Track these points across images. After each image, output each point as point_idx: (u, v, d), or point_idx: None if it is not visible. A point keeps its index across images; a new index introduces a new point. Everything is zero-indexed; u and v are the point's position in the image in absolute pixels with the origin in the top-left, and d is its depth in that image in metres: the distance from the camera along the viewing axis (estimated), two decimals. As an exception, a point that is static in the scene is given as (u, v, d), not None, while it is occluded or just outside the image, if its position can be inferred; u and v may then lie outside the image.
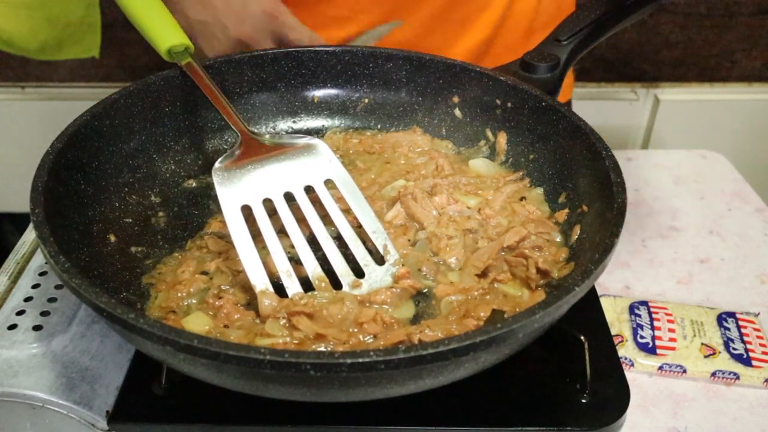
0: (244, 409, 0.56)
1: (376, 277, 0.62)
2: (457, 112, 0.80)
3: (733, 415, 0.66)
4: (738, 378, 0.68)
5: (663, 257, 0.85)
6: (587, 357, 0.58)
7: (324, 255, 0.63)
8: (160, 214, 0.71)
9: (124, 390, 0.58)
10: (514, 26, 0.98)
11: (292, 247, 0.63)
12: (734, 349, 0.70)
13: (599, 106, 1.62)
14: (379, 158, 0.79)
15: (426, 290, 0.62)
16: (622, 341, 0.71)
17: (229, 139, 0.79)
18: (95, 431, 0.58)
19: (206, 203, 0.72)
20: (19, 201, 1.67)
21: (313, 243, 0.64)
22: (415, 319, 0.60)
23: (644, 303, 0.75)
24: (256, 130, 0.68)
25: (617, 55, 1.58)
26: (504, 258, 0.64)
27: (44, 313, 0.65)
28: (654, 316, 0.73)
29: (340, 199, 0.66)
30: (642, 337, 0.71)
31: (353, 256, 0.63)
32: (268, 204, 0.64)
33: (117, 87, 0.87)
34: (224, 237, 0.67)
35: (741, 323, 0.73)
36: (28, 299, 0.67)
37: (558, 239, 0.67)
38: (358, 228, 0.66)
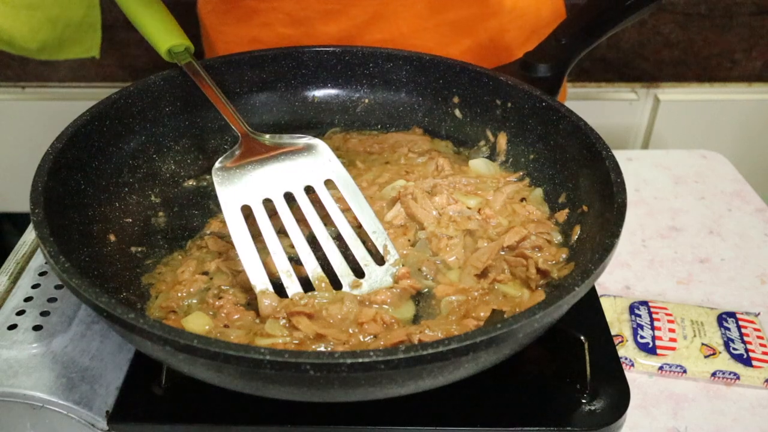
0: (244, 409, 0.56)
1: (376, 277, 0.62)
2: (457, 112, 0.80)
3: (733, 415, 0.66)
4: (738, 378, 0.68)
5: (663, 257, 0.85)
6: (587, 357, 0.58)
7: (324, 255, 0.63)
8: (160, 214, 0.71)
9: (124, 390, 0.58)
10: (513, 35, 0.97)
11: (292, 247, 0.63)
12: (734, 349, 0.70)
13: (599, 106, 1.62)
14: (379, 158, 0.79)
15: (426, 290, 0.62)
16: (622, 341, 0.71)
17: (229, 139, 0.79)
18: (95, 431, 0.58)
19: (206, 203, 0.72)
20: (19, 201, 1.67)
21: (313, 243, 0.64)
22: (415, 319, 0.60)
23: (644, 303, 0.75)
24: (256, 130, 0.68)
25: (617, 55, 1.58)
26: (504, 258, 0.64)
27: (44, 313, 0.65)
28: (654, 316, 0.73)
29: (340, 199, 0.66)
30: (642, 337, 0.71)
31: (353, 256, 0.63)
32: (268, 204, 0.64)
33: (117, 87, 0.87)
34: (224, 237, 0.67)
35: (741, 323, 0.73)
36: (28, 299, 0.67)
37: (558, 239, 0.67)
38: (358, 228, 0.66)
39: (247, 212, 0.63)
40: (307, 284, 0.61)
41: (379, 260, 0.64)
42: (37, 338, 0.62)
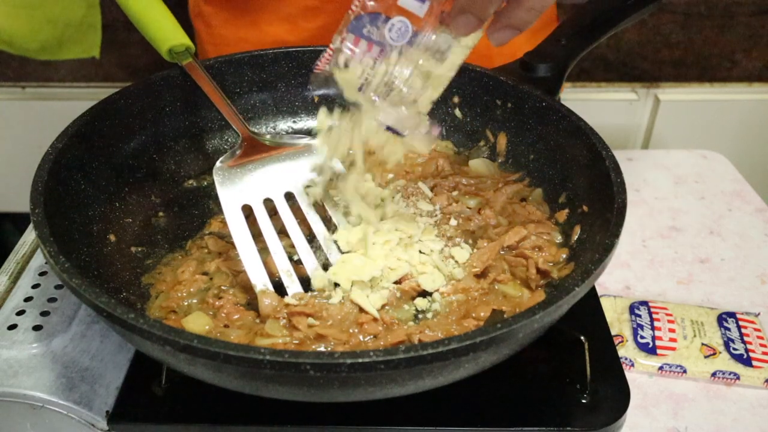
0: (244, 409, 0.56)
1: (376, 277, 0.62)
2: (457, 112, 0.80)
3: (733, 415, 0.66)
4: (738, 378, 0.68)
5: (663, 257, 0.85)
6: (587, 357, 0.58)
7: (324, 255, 0.63)
8: (160, 214, 0.71)
9: (124, 390, 0.58)
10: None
11: (292, 246, 0.63)
12: (734, 349, 0.70)
13: (599, 106, 1.62)
14: (379, 158, 0.79)
15: (426, 290, 0.62)
16: (622, 341, 0.71)
17: (229, 139, 0.79)
18: (95, 431, 0.58)
19: (206, 203, 0.72)
20: (19, 201, 1.67)
21: (312, 243, 0.64)
22: (415, 319, 0.60)
23: (644, 303, 0.75)
24: (256, 130, 0.68)
25: (617, 55, 1.58)
26: (504, 258, 0.64)
27: (44, 313, 0.65)
28: (654, 316, 0.73)
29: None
30: (642, 337, 0.71)
31: (353, 256, 0.63)
32: (269, 204, 0.64)
33: (117, 87, 0.87)
34: (224, 237, 0.67)
35: (741, 323, 0.73)
36: (28, 299, 0.67)
37: (558, 239, 0.67)
38: (358, 228, 0.65)
39: (248, 212, 0.63)
40: (307, 284, 0.61)
41: (379, 260, 0.64)
42: (37, 338, 0.62)
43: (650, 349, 0.70)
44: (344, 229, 0.65)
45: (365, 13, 0.49)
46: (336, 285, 0.61)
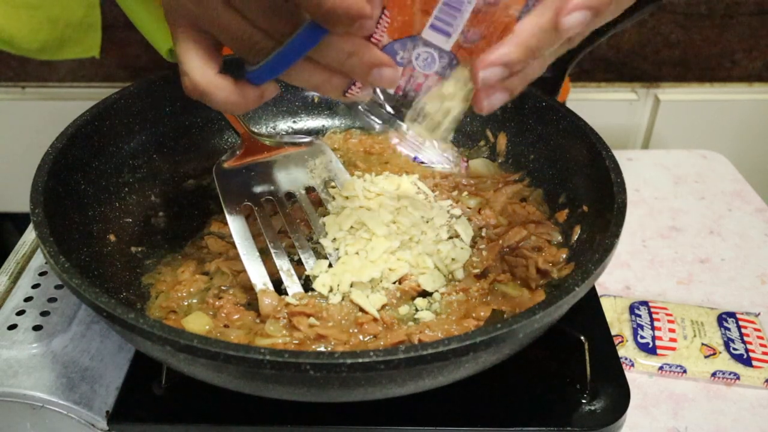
0: (244, 409, 0.56)
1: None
2: (458, 112, 0.80)
3: (733, 415, 0.66)
4: (738, 378, 0.68)
5: (663, 257, 0.85)
6: (587, 357, 0.58)
7: (325, 255, 0.63)
8: (160, 214, 0.71)
9: (124, 390, 0.58)
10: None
11: (292, 247, 0.63)
12: (734, 349, 0.70)
13: (599, 106, 1.62)
14: (379, 158, 0.79)
15: (426, 290, 0.62)
16: (622, 341, 0.71)
17: (229, 139, 0.79)
18: (95, 431, 0.58)
19: (206, 203, 0.72)
20: (19, 201, 1.67)
21: (312, 243, 0.64)
22: (415, 319, 0.60)
23: (644, 303, 0.75)
24: (256, 130, 0.68)
25: (617, 55, 1.58)
26: (504, 258, 0.64)
27: (44, 313, 0.65)
28: (654, 316, 0.73)
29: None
30: (642, 337, 0.71)
31: (353, 256, 0.63)
32: (269, 204, 0.64)
33: (117, 87, 0.87)
34: (224, 237, 0.67)
35: (741, 323, 0.73)
36: (28, 299, 0.67)
37: (558, 239, 0.67)
38: (358, 228, 0.65)
39: (248, 212, 0.63)
40: (307, 284, 0.61)
41: (379, 260, 0.64)
42: (37, 338, 0.62)
43: (650, 349, 0.70)
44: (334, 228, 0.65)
45: (395, 41, 0.49)
46: (336, 285, 0.61)
